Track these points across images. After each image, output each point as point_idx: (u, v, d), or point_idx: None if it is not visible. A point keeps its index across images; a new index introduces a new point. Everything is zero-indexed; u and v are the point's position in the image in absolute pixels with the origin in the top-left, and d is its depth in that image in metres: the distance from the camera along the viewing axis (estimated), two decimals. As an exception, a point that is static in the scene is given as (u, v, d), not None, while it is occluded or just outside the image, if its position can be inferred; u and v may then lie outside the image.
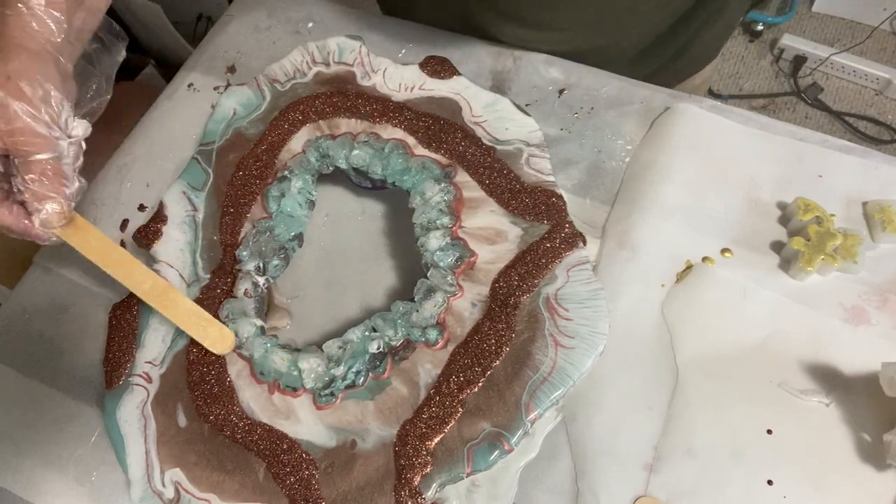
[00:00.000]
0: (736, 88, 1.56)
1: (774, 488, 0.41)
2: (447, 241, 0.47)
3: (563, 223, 0.47)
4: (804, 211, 0.47)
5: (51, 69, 0.41)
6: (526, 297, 0.45)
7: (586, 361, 0.42)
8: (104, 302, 0.51)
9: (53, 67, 0.41)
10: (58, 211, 0.41)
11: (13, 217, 0.41)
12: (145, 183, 0.56)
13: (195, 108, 0.59)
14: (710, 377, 0.44)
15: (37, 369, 0.49)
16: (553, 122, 0.55)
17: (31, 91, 0.39)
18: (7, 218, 0.41)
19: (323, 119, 0.54)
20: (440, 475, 0.40)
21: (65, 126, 0.41)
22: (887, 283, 0.46)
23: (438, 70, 0.56)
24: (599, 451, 0.43)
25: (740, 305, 0.46)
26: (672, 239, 0.49)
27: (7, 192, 0.42)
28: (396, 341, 0.45)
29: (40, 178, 0.40)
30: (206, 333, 0.45)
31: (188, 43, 1.20)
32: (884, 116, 1.49)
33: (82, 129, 0.43)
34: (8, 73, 0.39)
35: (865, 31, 1.56)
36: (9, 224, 0.41)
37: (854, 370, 0.44)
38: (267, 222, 0.50)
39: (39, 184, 0.40)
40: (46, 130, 0.40)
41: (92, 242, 0.44)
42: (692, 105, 0.54)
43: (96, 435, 0.47)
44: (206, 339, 0.45)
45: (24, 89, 0.39)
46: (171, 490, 0.43)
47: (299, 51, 0.58)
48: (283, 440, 0.43)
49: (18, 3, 0.40)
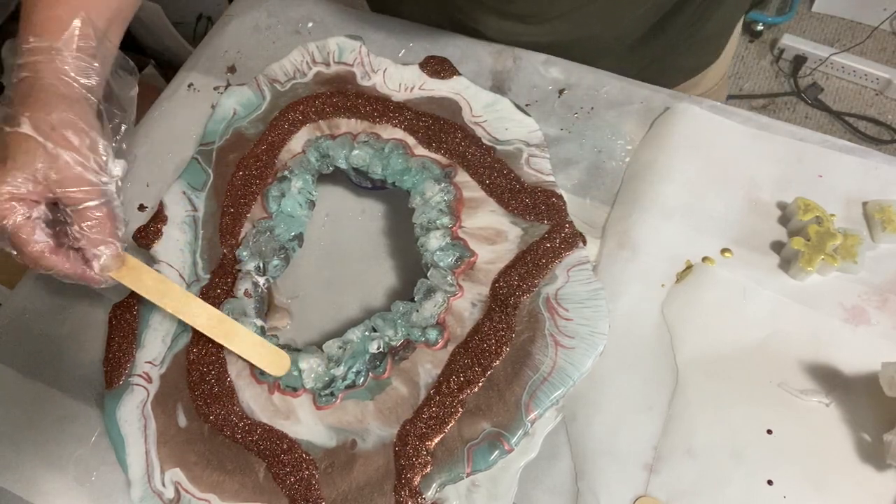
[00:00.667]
0: (736, 88, 1.56)
1: (774, 488, 0.41)
2: (447, 241, 0.47)
3: (563, 223, 0.47)
4: (804, 211, 0.47)
5: (91, 115, 0.41)
6: (526, 297, 0.45)
7: (586, 361, 0.42)
8: (104, 302, 0.51)
9: (92, 113, 0.42)
10: (114, 255, 0.42)
11: (71, 264, 0.41)
12: (145, 183, 0.56)
13: (195, 108, 0.59)
14: (710, 377, 0.44)
15: (37, 369, 0.49)
16: (553, 122, 0.55)
17: (78, 141, 0.40)
18: (65, 265, 0.41)
19: (323, 119, 0.54)
20: (440, 475, 0.40)
21: (109, 171, 0.42)
22: (887, 283, 0.46)
23: (438, 70, 0.56)
24: (599, 451, 0.43)
25: (740, 305, 0.46)
26: (672, 239, 0.49)
27: (59, 239, 0.42)
28: (396, 341, 0.45)
29: (95, 225, 0.41)
30: (263, 358, 0.45)
31: (188, 43, 1.20)
32: (884, 116, 1.49)
33: (121, 169, 0.43)
34: (52, 123, 0.39)
35: (865, 31, 1.56)
36: (66, 271, 0.41)
37: (854, 370, 0.44)
38: (267, 222, 0.50)
39: (95, 230, 0.41)
40: (96, 178, 0.40)
41: (146, 280, 0.45)
42: (692, 105, 0.54)
43: (96, 435, 0.47)
44: (265, 363, 0.45)
45: (72, 139, 0.39)
46: (171, 490, 0.43)
47: (299, 51, 0.58)
48: (283, 440, 0.43)
49: (51, 49, 0.40)
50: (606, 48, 0.58)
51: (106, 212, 0.41)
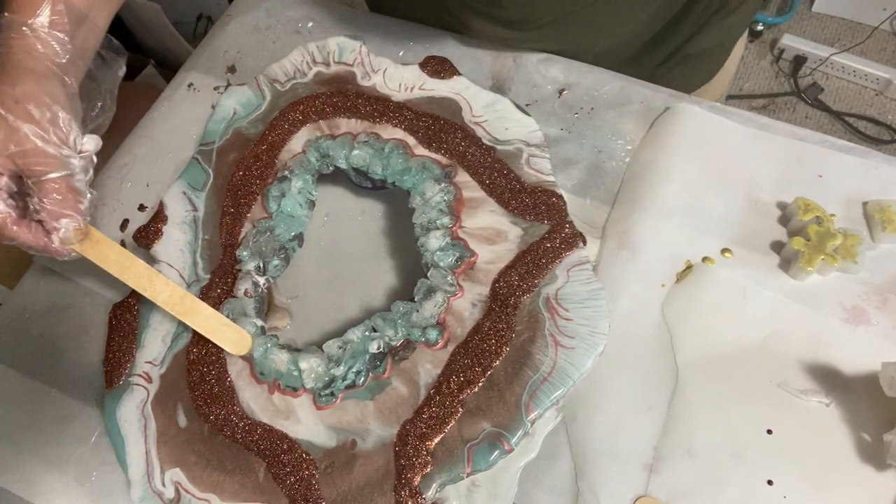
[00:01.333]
0: (736, 88, 1.56)
1: (774, 488, 0.41)
2: (447, 241, 0.47)
3: (563, 223, 0.47)
4: (804, 211, 0.47)
5: (58, 90, 0.42)
6: (526, 297, 0.45)
7: (586, 361, 0.42)
8: (104, 302, 0.51)
9: (60, 88, 0.42)
10: (75, 227, 0.42)
11: (32, 235, 0.42)
12: (145, 183, 0.56)
13: (195, 108, 0.59)
14: (710, 377, 0.44)
15: (37, 369, 0.49)
16: (553, 122, 0.55)
17: (39, 114, 0.40)
18: (26, 236, 0.42)
19: (323, 119, 0.54)
20: (440, 475, 0.40)
21: (74, 144, 0.42)
22: (887, 283, 0.46)
23: (438, 70, 0.56)
24: (599, 451, 0.43)
25: (740, 305, 0.46)
26: (672, 239, 0.49)
27: (24, 210, 0.42)
28: (396, 341, 0.45)
29: (55, 197, 0.41)
30: (224, 337, 0.45)
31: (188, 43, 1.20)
32: (884, 116, 1.49)
33: (93, 144, 0.44)
34: (16, 96, 0.40)
35: (865, 31, 1.56)
36: (28, 242, 0.42)
37: (854, 370, 0.44)
38: (267, 222, 0.50)
39: (55, 202, 0.41)
40: (56, 151, 0.41)
41: (109, 255, 0.45)
42: (692, 105, 0.54)
43: (96, 435, 0.47)
44: (226, 341, 0.45)
45: (33, 112, 0.40)
46: (171, 490, 0.43)
47: (299, 51, 0.58)
48: (283, 440, 0.43)
49: (23, 26, 0.41)
50: (600, 62, 0.58)
51: (67, 185, 0.41)
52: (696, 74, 0.65)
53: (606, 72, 0.57)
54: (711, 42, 0.60)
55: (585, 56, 0.58)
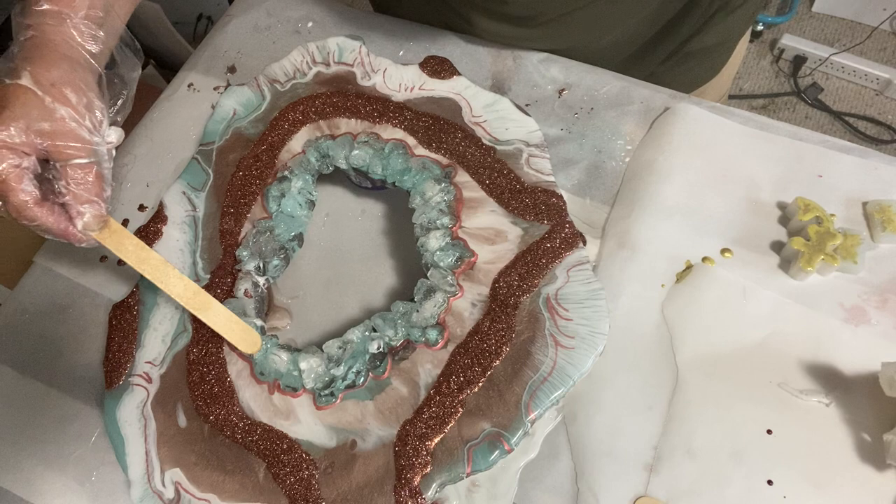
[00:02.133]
0: (736, 88, 1.56)
1: (774, 488, 0.41)
2: (447, 241, 0.47)
3: (563, 223, 0.47)
4: (804, 211, 0.47)
5: (90, 79, 0.42)
6: (526, 297, 0.45)
7: (586, 361, 0.42)
8: (104, 302, 0.51)
9: (93, 77, 0.42)
10: (98, 214, 0.42)
11: (54, 218, 0.42)
12: (145, 183, 0.56)
13: (195, 108, 0.59)
14: (710, 377, 0.44)
15: (37, 369, 0.49)
16: (553, 122, 0.55)
17: (76, 98, 0.40)
18: (48, 219, 0.42)
19: (323, 119, 0.54)
20: (440, 475, 0.40)
21: (103, 133, 0.42)
22: (887, 283, 0.46)
23: (438, 70, 0.56)
24: (599, 451, 0.43)
25: (740, 305, 0.46)
26: (672, 239, 0.49)
27: (46, 194, 0.42)
28: (396, 341, 0.45)
29: (83, 182, 0.41)
30: (236, 334, 0.45)
31: (188, 43, 1.20)
32: (884, 116, 1.49)
33: (116, 136, 0.44)
34: (52, 80, 0.40)
35: (865, 31, 1.56)
36: (50, 225, 0.42)
37: (854, 370, 0.44)
38: (267, 222, 0.50)
39: (82, 187, 0.41)
40: (89, 136, 0.41)
41: (127, 245, 0.45)
42: (692, 105, 0.54)
43: (96, 435, 0.47)
44: (237, 339, 0.45)
45: (69, 96, 0.40)
46: (171, 490, 0.43)
47: (299, 51, 0.58)
48: (283, 440, 0.43)
49: (61, 14, 0.41)
50: (603, 59, 0.58)
51: (94, 171, 0.42)
52: (698, 72, 0.65)
53: (606, 72, 0.57)
54: (714, 40, 0.61)
55: (588, 53, 0.58)
